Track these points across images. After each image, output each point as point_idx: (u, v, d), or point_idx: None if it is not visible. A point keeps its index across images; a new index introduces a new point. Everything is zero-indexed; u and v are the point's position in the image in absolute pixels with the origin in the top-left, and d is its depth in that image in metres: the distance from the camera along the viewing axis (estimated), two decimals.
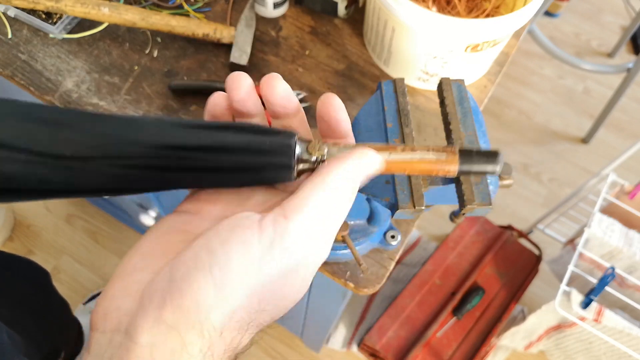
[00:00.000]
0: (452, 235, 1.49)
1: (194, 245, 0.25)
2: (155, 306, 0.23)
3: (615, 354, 1.18)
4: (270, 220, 0.25)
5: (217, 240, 0.25)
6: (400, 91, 0.56)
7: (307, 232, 0.25)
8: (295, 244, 0.25)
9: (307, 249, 0.25)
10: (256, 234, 0.24)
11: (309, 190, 0.26)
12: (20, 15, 0.74)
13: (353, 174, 0.27)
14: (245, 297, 0.24)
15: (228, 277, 0.23)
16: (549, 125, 1.90)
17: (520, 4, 0.71)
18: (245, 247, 0.24)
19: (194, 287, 0.23)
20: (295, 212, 0.25)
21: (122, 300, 0.25)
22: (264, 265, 0.24)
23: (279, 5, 0.78)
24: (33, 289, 0.96)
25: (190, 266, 0.24)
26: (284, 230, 0.25)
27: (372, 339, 1.31)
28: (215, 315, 0.23)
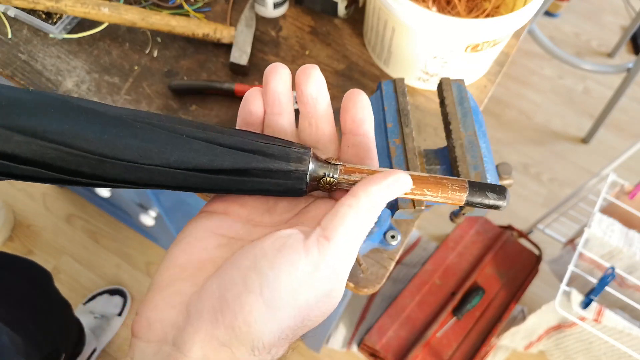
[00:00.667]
0: (452, 235, 1.49)
1: (241, 265, 0.26)
2: (207, 323, 0.24)
3: (615, 354, 1.18)
4: (314, 242, 0.26)
5: (265, 262, 0.25)
6: (400, 91, 0.56)
7: (345, 251, 0.26)
8: (337, 263, 0.26)
9: (344, 266, 0.27)
10: (302, 256, 0.25)
11: (346, 210, 0.27)
12: (20, 15, 0.74)
13: (385, 196, 0.28)
14: (292, 318, 0.25)
15: (278, 299, 0.24)
16: (549, 125, 1.90)
17: (520, 4, 0.71)
18: (293, 269, 0.25)
19: (245, 309, 0.24)
20: (335, 233, 0.26)
21: (166, 311, 0.26)
22: (310, 286, 0.25)
23: (279, 5, 0.78)
24: (34, 290, 0.96)
25: (241, 288, 0.25)
26: (327, 251, 0.26)
27: (372, 339, 1.31)
28: (265, 335, 0.24)
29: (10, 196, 1.59)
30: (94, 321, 1.35)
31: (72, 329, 1.14)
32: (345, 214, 0.27)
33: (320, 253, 0.25)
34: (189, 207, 0.94)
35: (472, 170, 0.50)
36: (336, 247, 0.26)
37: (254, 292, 0.24)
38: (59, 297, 1.06)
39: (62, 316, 1.07)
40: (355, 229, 0.27)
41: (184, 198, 0.90)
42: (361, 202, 0.27)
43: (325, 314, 0.27)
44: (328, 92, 0.33)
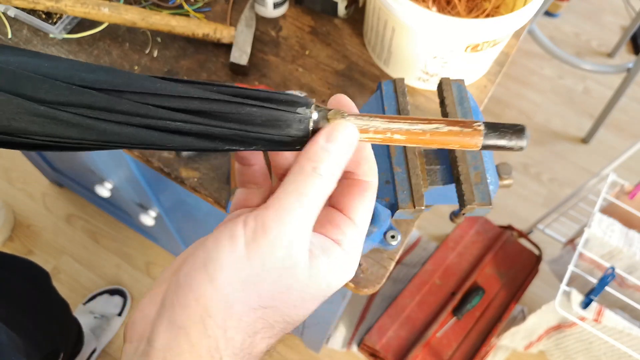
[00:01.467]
0: (452, 235, 1.49)
1: (195, 246, 0.26)
2: (167, 310, 0.25)
3: (615, 354, 1.18)
4: (252, 214, 0.25)
5: (211, 238, 0.26)
6: (400, 91, 0.56)
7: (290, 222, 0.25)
8: (279, 233, 0.25)
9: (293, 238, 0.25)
10: (241, 227, 0.25)
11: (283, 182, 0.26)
12: (20, 15, 0.74)
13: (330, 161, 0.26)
14: (241, 290, 0.24)
15: (219, 270, 0.24)
16: (549, 125, 1.90)
17: (520, 4, 0.71)
18: (232, 241, 0.25)
19: (193, 285, 0.24)
20: (274, 204, 0.25)
21: (148, 309, 0.26)
22: (251, 256, 0.24)
23: (279, 5, 0.78)
24: (33, 290, 0.96)
25: (190, 266, 0.25)
26: (264, 223, 0.25)
27: (372, 339, 1.31)
28: (213, 309, 0.24)
29: (10, 196, 1.59)
30: (93, 321, 1.35)
31: (71, 329, 1.14)
32: (285, 182, 0.26)
33: (257, 222, 0.25)
34: (189, 207, 0.94)
35: (472, 170, 0.50)
36: (275, 214, 0.25)
37: (199, 267, 0.25)
38: (57, 297, 1.06)
39: (61, 316, 1.07)
40: (299, 196, 0.25)
41: (184, 198, 0.90)
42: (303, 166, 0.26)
43: (297, 297, 0.26)
44: (328, 91, 0.32)
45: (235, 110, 0.27)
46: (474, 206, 0.48)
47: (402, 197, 0.48)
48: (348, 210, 0.28)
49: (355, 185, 0.29)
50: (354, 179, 0.29)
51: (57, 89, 0.24)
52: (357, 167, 0.29)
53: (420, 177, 0.51)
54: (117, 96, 0.25)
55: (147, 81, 0.26)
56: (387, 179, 0.49)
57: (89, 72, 0.25)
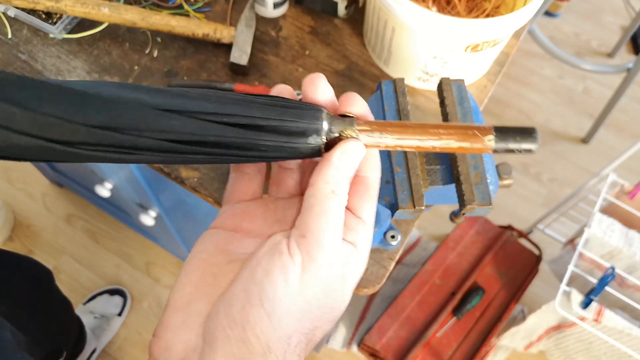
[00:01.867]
0: (452, 235, 1.49)
1: (242, 277, 0.26)
2: (221, 343, 0.25)
3: (615, 354, 1.18)
4: (293, 243, 0.26)
5: (260, 271, 0.26)
6: (400, 91, 0.56)
7: (326, 243, 0.26)
8: (323, 258, 0.26)
9: (333, 258, 0.26)
10: (289, 260, 0.26)
11: (310, 202, 0.27)
12: (20, 15, 0.74)
13: (343, 173, 0.27)
14: (297, 322, 0.25)
15: (279, 306, 0.25)
16: (549, 125, 1.90)
17: (520, 4, 0.71)
18: (285, 274, 0.25)
19: (251, 322, 0.25)
20: (308, 229, 0.26)
21: (185, 334, 0.26)
22: (304, 287, 0.25)
23: (279, 5, 0.78)
24: (35, 288, 0.96)
25: (244, 301, 0.25)
26: (308, 249, 0.26)
27: (372, 339, 1.31)
28: (274, 343, 0.25)
29: (10, 196, 1.59)
30: (94, 321, 1.35)
31: (73, 328, 1.14)
32: (311, 206, 0.26)
33: (302, 252, 0.26)
34: (189, 207, 0.94)
35: (472, 170, 0.50)
36: (315, 242, 0.26)
37: (255, 304, 0.25)
38: (60, 295, 1.06)
39: (63, 314, 1.07)
40: (327, 217, 0.26)
41: (184, 198, 0.90)
42: (322, 189, 0.27)
43: (336, 309, 0.27)
44: None
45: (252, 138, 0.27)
46: (474, 206, 0.48)
47: (402, 197, 0.48)
48: (357, 210, 0.29)
49: (360, 182, 0.30)
50: (359, 175, 0.30)
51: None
52: (363, 164, 0.30)
53: (420, 177, 0.51)
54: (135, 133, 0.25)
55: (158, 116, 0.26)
56: (387, 179, 0.49)
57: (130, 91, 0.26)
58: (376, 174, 0.30)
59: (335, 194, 0.27)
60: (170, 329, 0.26)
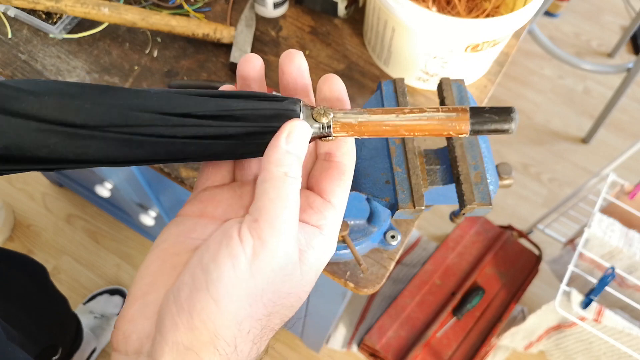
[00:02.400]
0: (452, 235, 1.49)
1: (191, 264, 0.26)
2: (169, 330, 0.24)
3: (615, 354, 1.18)
4: (245, 229, 0.25)
5: (208, 256, 0.25)
6: (400, 91, 0.56)
7: (281, 227, 0.25)
8: (277, 242, 0.25)
9: (288, 242, 0.26)
10: (239, 245, 0.25)
11: (263, 187, 0.26)
12: (20, 15, 0.74)
13: (292, 153, 0.27)
14: (248, 307, 0.25)
15: (224, 292, 0.24)
16: (549, 125, 1.90)
17: (520, 4, 0.71)
18: (233, 260, 0.24)
19: (197, 308, 0.24)
20: (261, 213, 0.25)
21: (141, 323, 0.26)
22: (255, 272, 0.25)
23: (279, 5, 0.78)
24: (30, 284, 0.96)
25: (191, 287, 0.25)
26: (261, 234, 0.25)
27: (372, 339, 1.31)
28: (223, 330, 0.24)
29: (10, 196, 1.59)
30: (93, 321, 1.35)
31: (70, 324, 1.14)
32: (264, 191, 0.26)
33: (254, 237, 0.25)
34: None
35: (472, 170, 0.50)
36: (268, 226, 0.25)
37: (202, 290, 0.24)
38: (55, 292, 1.06)
39: (59, 311, 1.07)
40: (281, 200, 0.26)
41: (184, 198, 0.90)
42: (274, 173, 0.26)
43: (294, 295, 0.27)
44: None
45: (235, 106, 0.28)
46: (474, 206, 0.48)
47: (402, 197, 0.48)
48: (327, 194, 0.29)
49: (334, 167, 0.29)
50: (333, 160, 0.30)
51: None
52: (337, 149, 0.30)
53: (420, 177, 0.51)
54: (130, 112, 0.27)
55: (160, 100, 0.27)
56: (387, 179, 0.49)
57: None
58: (349, 159, 0.30)
59: (288, 175, 0.26)
60: (128, 319, 0.26)
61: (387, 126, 0.28)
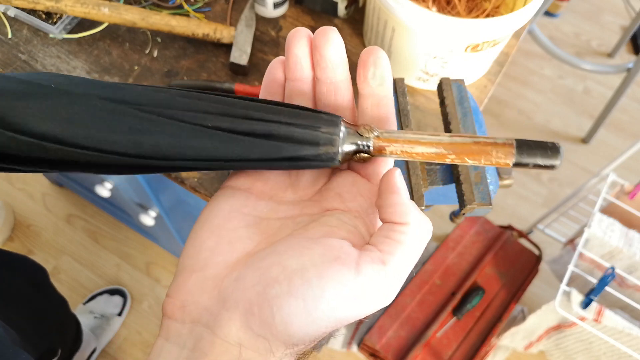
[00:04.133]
0: (452, 235, 1.49)
1: (287, 265, 0.25)
2: (242, 312, 0.24)
3: (615, 354, 1.18)
4: (368, 262, 0.25)
5: (314, 272, 0.24)
6: (400, 91, 0.56)
7: (399, 275, 0.26)
8: (387, 286, 0.25)
9: (394, 288, 0.26)
10: (353, 275, 0.24)
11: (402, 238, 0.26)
12: (20, 15, 0.74)
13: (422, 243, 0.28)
14: (331, 327, 0.25)
15: (320, 310, 0.24)
16: (549, 125, 1.90)
17: (520, 4, 0.71)
18: (341, 286, 0.24)
19: (285, 311, 0.24)
20: (392, 258, 0.26)
21: (199, 295, 0.26)
22: (355, 303, 0.25)
23: (279, 5, 0.78)
24: (30, 287, 0.96)
25: (285, 289, 0.24)
26: (380, 276, 0.25)
27: (372, 339, 1.31)
28: (301, 337, 0.24)
29: (10, 196, 1.59)
30: (93, 321, 1.35)
31: (69, 326, 1.14)
32: (403, 240, 0.26)
33: (373, 277, 0.25)
34: (189, 207, 0.94)
35: (472, 170, 0.50)
36: (392, 271, 0.25)
37: (297, 298, 0.24)
38: (55, 293, 1.06)
39: (58, 312, 1.07)
40: (411, 253, 0.26)
41: (184, 198, 0.90)
42: (414, 228, 0.27)
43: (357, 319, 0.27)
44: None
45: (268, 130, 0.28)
46: (474, 206, 0.48)
47: None
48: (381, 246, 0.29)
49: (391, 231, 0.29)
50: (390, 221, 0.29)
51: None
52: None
53: (420, 177, 0.51)
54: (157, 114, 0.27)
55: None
56: None
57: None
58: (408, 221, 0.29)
59: (423, 235, 0.27)
60: (185, 291, 0.27)
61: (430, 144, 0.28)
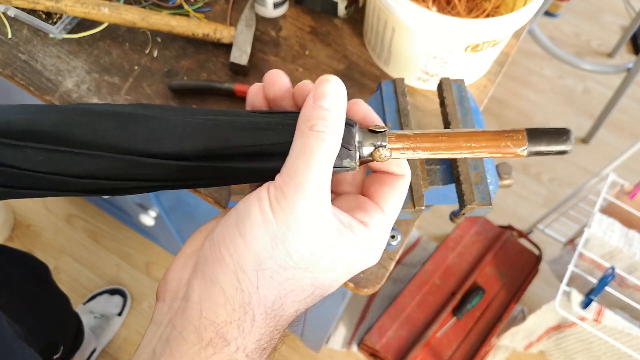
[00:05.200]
0: (452, 235, 1.49)
1: (225, 213, 0.29)
2: (201, 265, 0.27)
3: (615, 354, 1.18)
4: (273, 181, 0.27)
5: (241, 202, 0.27)
6: (400, 91, 0.56)
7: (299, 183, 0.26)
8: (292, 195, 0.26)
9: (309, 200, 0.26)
10: (265, 192, 0.26)
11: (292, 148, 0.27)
12: (20, 15, 0.74)
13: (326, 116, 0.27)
14: (270, 248, 0.26)
15: (249, 227, 0.26)
16: (549, 125, 1.90)
17: (520, 4, 0.71)
18: (260, 202, 0.26)
19: (225, 240, 0.26)
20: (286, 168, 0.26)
21: (181, 272, 0.28)
22: (277, 217, 0.26)
23: (279, 5, 0.78)
24: (32, 281, 0.96)
25: (223, 225, 0.27)
26: (281, 188, 0.26)
27: (372, 339, 1.31)
28: (246, 262, 0.26)
29: None
30: (93, 321, 1.35)
31: (71, 322, 1.14)
32: (292, 148, 0.27)
33: (277, 187, 0.26)
34: (189, 207, 0.94)
35: (472, 170, 0.50)
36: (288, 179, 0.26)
37: (231, 226, 0.26)
38: (57, 290, 1.06)
39: (60, 309, 1.07)
40: (304, 155, 0.26)
41: (184, 198, 0.90)
42: (301, 128, 0.27)
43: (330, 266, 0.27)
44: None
45: None
46: (474, 206, 0.48)
47: None
48: (377, 198, 0.30)
49: (387, 177, 0.30)
50: (386, 171, 0.30)
51: None
52: (390, 166, 0.30)
53: (420, 177, 0.51)
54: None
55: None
56: None
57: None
58: (405, 172, 0.30)
59: (316, 131, 0.26)
60: (171, 270, 0.29)
61: (443, 137, 0.28)
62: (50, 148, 0.26)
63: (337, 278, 0.28)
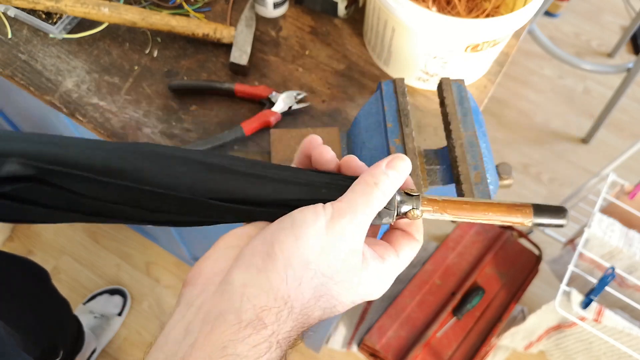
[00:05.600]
0: (452, 235, 1.49)
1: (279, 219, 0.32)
2: (248, 257, 0.29)
3: (615, 354, 1.18)
4: (329, 203, 0.31)
5: (298, 212, 0.31)
6: (400, 91, 0.56)
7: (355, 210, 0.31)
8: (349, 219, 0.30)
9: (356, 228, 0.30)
10: (321, 209, 0.31)
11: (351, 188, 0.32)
12: (20, 15, 0.74)
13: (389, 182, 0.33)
14: (318, 255, 0.29)
15: (304, 232, 0.29)
16: (549, 125, 1.90)
17: (520, 4, 0.71)
18: (315, 216, 0.30)
19: (280, 238, 0.29)
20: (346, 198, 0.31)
21: (216, 264, 0.30)
22: (328, 232, 0.30)
23: (279, 5, 0.78)
24: (32, 287, 0.97)
25: (277, 226, 0.30)
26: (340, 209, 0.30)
27: (372, 339, 1.31)
28: (295, 260, 0.29)
29: None
30: (93, 321, 1.35)
31: (71, 327, 1.14)
32: (353, 188, 0.32)
33: (334, 208, 0.30)
34: None
35: (472, 170, 0.50)
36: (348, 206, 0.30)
37: (287, 229, 0.30)
38: (57, 295, 1.06)
39: (59, 314, 1.07)
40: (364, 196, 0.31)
41: None
42: (367, 179, 0.32)
43: (350, 287, 0.31)
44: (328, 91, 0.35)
45: None
46: None
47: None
48: (395, 245, 0.35)
49: (406, 235, 0.35)
50: (406, 231, 0.36)
51: None
52: (410, 227, 0.36)
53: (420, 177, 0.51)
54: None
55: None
56: None
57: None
58: (420, 237, 0.36)
59: (378, 187, 0.31)
60: (205, 259, 0.31)
61: (466, 205, 0.34)
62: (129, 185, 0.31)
63: (354, 300, 0.32)
